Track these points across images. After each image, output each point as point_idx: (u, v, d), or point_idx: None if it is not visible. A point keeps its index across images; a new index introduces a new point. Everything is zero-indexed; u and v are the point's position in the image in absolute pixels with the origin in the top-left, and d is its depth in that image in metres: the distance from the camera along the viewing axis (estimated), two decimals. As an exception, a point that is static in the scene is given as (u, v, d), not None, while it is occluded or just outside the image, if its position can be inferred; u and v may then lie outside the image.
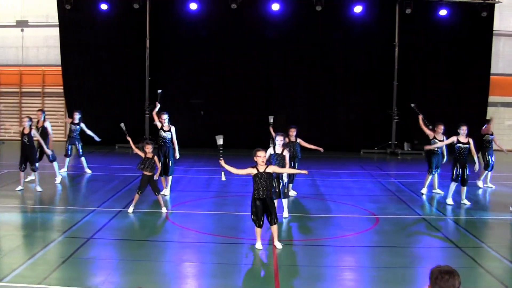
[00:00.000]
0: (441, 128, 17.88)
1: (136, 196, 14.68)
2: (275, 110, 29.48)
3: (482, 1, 29.20)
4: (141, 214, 14.58)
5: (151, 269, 10.30)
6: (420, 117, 18.65)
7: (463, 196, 16.69)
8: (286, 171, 12.87)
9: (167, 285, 9.66)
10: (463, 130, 16.26)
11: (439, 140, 17.70)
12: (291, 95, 29.88)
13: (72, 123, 20.74)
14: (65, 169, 20.45)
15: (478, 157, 16.47)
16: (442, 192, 18.04)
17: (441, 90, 30.24)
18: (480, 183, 19.54)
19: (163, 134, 16.94)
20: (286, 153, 14.01)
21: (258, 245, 11.62)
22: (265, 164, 11.60)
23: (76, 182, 19.78)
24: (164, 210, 14.69)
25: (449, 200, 16.54)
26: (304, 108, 29.93)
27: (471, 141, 16.28)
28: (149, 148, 14.78)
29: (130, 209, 14.58)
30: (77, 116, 20.70)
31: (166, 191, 16.93)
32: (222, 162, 11.90)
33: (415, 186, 19.69)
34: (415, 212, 15.72)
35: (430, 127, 18.18)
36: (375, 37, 29.68)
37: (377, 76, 29.93)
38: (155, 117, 17.73)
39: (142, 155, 14.78)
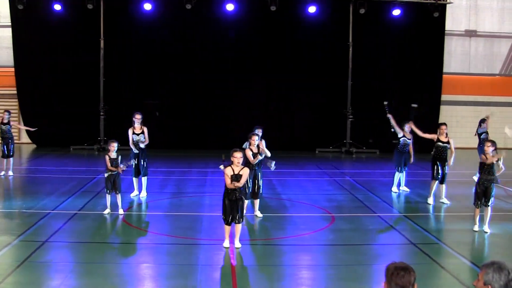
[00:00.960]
0: (409, 127, 18.22)
1: (108, 197, 14.57)
2: (232, 111, 29.65)
3: (434, 1, 29.65)
4: (98, 215, 14.45)
5: (107, 271, 10.22)
6: (391, 116, 18.85)
7: (443, 195, 16.89)
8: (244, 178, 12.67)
9: (123, 287, 9.62)
10: (443, 129, 16.70)
11: (408, 139, 18.04)
12: (247, 96, 29.88)
13: (2, 123, 20.44)
14: (11, 172, 20.17)
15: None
16: (408, 190, 18.35)
17: (395, 89, 30.58)
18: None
19: (136, 136, 16.73)
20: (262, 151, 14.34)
21: (226, 243, 11.67)
22: (241, 165, 11.62)
23: (30, 184, 19.55)
24: (121, 211, 14.60)
25: (430, 200, 16.73)
26: (260, 108, 29.94)
27: (451, 141, 16.75)
28: (113, 147, 14.59)
29: (106, 211, 14.49)
30: (6, 116, 20.46)
31: (143, 193, 16.84)
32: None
33: (370, 185, 19.92)
34: (370, 210, 15.86)
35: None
36: (330, 37, 29.88)
37: (332, 76, 30.10)
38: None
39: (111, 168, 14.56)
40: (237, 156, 11.55)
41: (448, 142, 16.55)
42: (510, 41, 33.21)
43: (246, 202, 14.66)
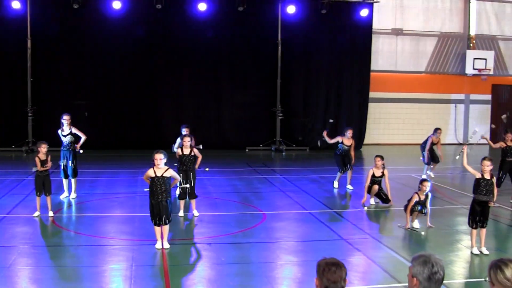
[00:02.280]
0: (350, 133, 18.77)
1: (37, 199, 14.22)
2: (162, 110, 29.40)
3: (362, 0, 30.06)
4: (27, 218, 14.11)
5: (38, 275, 10.00)
6: (325, 132, 19.14)
7: (348, 182, 18.56)
8: (177, 178, 12.55)
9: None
10: (349, 133, 18.17)
11: (346, 145, 18.42)
12: (177, 95, 29.61)
13: None
14: None
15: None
16: (352, 188, 18.58)
17: (323, 87, 30.93)
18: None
19: (65, 138, 16.43)
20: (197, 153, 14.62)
21: (158, 244, 11.58)
22: (165, 166, 11.54)
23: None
24: (50, 213, 14.32)
25: (336, 184, 18.65)
26: (190, 107, 29.77)
27: (353, 143, 18.54)
28: (43, 148, 14.30)
29: (36, 213, 14.14)
30: None
31: (72, 194, 16.54)
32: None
33: (300, 182, 20.06)
34: (301, 207, 15.98)
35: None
36: (259, 35, 29.88)
37: (262, 75, 30.18)
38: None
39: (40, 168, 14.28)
40: (157, 158, 11.47)
41: (350, 145, 18.42)
42: (435, 39, 33.98)
43: (183, 202, 14.64)
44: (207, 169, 15.03)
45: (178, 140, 16.91)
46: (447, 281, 9.51)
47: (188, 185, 14.00)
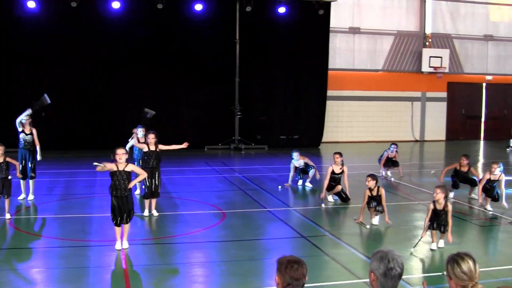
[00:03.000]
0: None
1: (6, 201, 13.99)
2: (119, 109, 29.13)
3: (319, -1, 30.29)
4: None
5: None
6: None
7: (308, 180, 18.73)
8: (142, 173, 12.40)
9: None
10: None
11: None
12: (134, 94, 29.40)
13: None
14: None
15: None
16: (312, 185, 18.66)
17: (282, 85, 31.06)
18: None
19: (25, 137, 16.21)
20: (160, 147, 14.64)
21: (118, 245, 11.49)
22: (126, 162, 11.44)
23: None
24: (8, 216, 14.10)
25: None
26: (147, 106, 29.48)
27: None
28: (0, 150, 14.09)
29: (8, 215, 13.94)
30: None
31: (30, 196, 16.29)
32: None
33: (259, 180, 20.12)
34: (260, 205, 16.01)
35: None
36: (217, 34, 29.83)
37: (220, 73, 30.13)
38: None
39: None
40: (119, 153, 11.42)
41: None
42: (392, 38, 34.37)
43: (148, 201, 14.55)
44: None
45: (131, 141, 16.86)
46: (406, 276, 9.62)
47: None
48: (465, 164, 17.05)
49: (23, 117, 16.23)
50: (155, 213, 14.56)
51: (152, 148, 14.47)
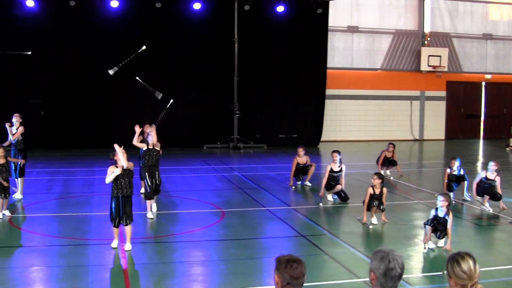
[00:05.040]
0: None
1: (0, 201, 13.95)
2: (116, 108, 29.12)
3: (317, -2, 30.28)
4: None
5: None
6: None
7: (307, 179, 18.66)
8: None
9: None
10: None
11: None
12: (131, 93, 29.36)
13: None
14: None
15: None
16: (311, 184, 18.63)
17: (281, 84, 31.03)
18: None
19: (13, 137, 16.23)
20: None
21: (115, 243, 11.48)
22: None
23: None
24: (7, 212, 14.09)
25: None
26: (146, 105, 29.51)
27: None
28: (1, 153, 14.06)
29: (7, 212, 13.96)
30: None
31: (18, 194, 16.25)
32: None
33: (258, 179, 20.10)
34: (259, 204, 16.00)
35: None
36: (215, 33, 29.81)
37: (218, 72, 30.12)
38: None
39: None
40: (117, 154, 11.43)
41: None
42: (390, 36, 34.36)
43: (150, 201, 14.47)
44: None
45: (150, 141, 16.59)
46: (405, 276, 9.61)
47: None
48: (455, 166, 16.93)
49: None
50: (154, 208, 14.58)
51: (150, 146, 14.41)
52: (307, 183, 18.86)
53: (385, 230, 13.43)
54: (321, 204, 16.01)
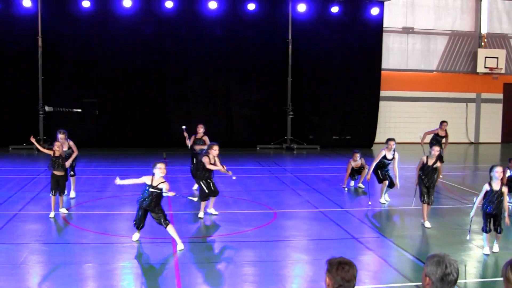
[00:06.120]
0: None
1: (52, 198, 14.20)
2: (171, 109, 29.43)
3: (372, -1, 30.13)
4: (38, 216, 14.17)
5: (45, 273, 10.09)
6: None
7: (360, 181, 18.68)
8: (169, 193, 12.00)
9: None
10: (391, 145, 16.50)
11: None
12: (186, 92, 29.71)
13: None
14: None
15: None
16: (364, 186, 18.53)
17: (334, 85, 30.92)
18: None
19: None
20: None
21: (135, 236, 12.01)
22: (163, 178, 11.65)
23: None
24: (64, 210, 14.37)
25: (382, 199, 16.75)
26: (200, 106, 29.77)
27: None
28: (57, 146, 14.35)
29: (52, 214, 14.10)
30: None
31: (72, 192, 16.56)
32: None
33: (311, 180, 20.07)
34: (312, 205, 15.99)
35: None
36: (270, 33, 29.88)
37: (272, 73, 30.22)
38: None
39: (50, 153, 14.34)
40: (161, 167, 11.54)
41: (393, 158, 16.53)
42: (446, 38, 33.93)
43: (204, 203, 14.50)
44: (234, 177, 14.97)
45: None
46: (459, 281, 9.49)
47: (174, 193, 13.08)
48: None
49: None
50: (213, 211, 14.68)
51: (213, 161, 14.49)
52: (360, 184, 18.78)
53: (438, 234, 13.30)
54: (370, 202, 15.96)
